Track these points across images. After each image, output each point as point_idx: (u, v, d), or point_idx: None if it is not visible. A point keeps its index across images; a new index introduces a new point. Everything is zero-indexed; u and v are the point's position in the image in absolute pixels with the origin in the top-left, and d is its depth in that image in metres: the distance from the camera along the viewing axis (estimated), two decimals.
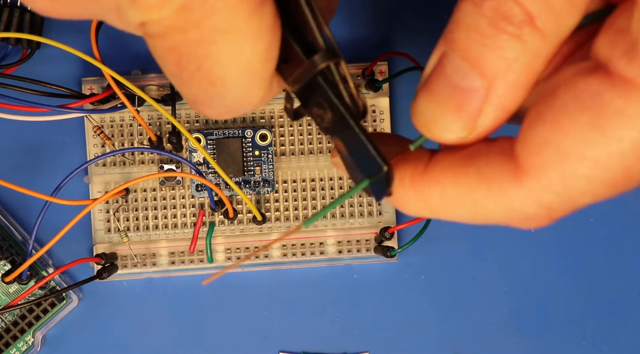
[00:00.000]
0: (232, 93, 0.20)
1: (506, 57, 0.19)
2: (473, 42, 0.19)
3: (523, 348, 0.37)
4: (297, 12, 0.19)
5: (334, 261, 0.37)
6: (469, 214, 0.21)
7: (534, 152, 0.19)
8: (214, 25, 0.18)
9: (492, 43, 0.19)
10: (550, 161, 0.19)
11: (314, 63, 0.19)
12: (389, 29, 0.37)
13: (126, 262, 0.36)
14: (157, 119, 0.36)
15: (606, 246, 0.38)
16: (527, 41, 0.19)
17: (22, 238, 0.36)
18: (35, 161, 0.37)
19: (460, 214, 0.21)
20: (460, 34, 0.19)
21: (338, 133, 0.21)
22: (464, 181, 0.20)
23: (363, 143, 0.20)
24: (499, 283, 0.37)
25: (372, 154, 0.20)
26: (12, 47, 0.35)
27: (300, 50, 0.20)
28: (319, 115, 0.20)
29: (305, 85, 0.20)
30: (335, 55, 0.20)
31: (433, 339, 0.37)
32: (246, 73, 0.19)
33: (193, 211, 0.36)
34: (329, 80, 0.20)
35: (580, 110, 0.19)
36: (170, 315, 0.37)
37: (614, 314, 0.37)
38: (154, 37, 0.19)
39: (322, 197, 0.37)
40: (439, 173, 0.21)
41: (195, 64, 0.19)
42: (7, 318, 0.36)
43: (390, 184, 0.20)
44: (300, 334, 0.37)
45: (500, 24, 0.19)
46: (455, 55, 0.20)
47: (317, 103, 0.20)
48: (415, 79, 0.36)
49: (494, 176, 0.20)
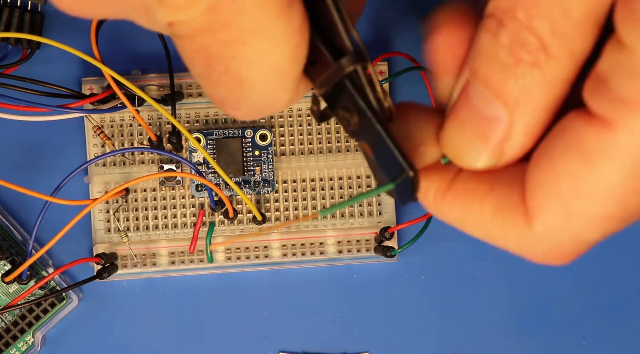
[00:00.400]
0: (260, 94, 0.20)
1: (526, 85, 0.20)
2: (494, 71, 0.20)
3: (523, 348, 0.37)
4: (325, 14, 0.19)
5: (334, 261, 0.37)
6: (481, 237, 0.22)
7: (535, 195, 0.20)
8: (242, 25, 0.18)
9: (512, 72, 0.20)
10: (551, 202, 0.20)
11: (341, 66, 0.19)
12: (389, 29, 0.37)
13: (126, 262, 0.36)
14: (157, 119, 0.36)
15: (606, 246, 0.37)
16: (544, 68, 0.19)
17: (22, 238, 0.36)
18: (35, 161, 0.37)
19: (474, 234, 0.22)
20: (482, 63, 0.20)
21: (364, 136, 0.20)
22: (481, 210, 0.21)
23: (389, 148, 0.20)
24: (499, 283, 0.37)
25: (398, 159, 0.20)
26: (12, 47, 0.35)
27: (328, 52, 0.20)
28: (345, 118, 0.20)
29: (332, 88, 0.20)
30: (362, 58, 0.19)
31: (433, 339, 0.37)
32: (274, 74, 0.19)
33: (193, 211, 0.36)
34: (355, 83, 0.20)
35: (568, 151, 0.19)
36: (170, 315, 0.37)
37: (614, 314, 0.37)
38: (182, 38, 0.19)
39: (322, 197, 0.37)
40: (460, 195, 0.22)
41: (223, 65, 0.19)
42: (7, 318, 0.36)
43: (417, 190, 0.20)
44: (300, 334, 0.37)
45: (518, 52, 0.19)
46: (479, 83, 0.20)
47: (344, 106, 0.20)
48: (416, 79, 0.36)
49: (508, 213, 0.21)
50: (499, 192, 0.21)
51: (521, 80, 0.19)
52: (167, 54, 0.35)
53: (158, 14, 0.18)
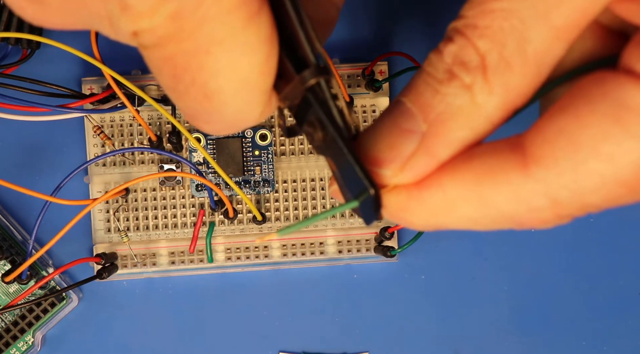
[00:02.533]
0: (230, 108, 0.19)
1: (452, 105, 0.19)
2: (427, 86, 0.19)
3: (523, 348, 0.37)
4: (288, 24, 0.19)
5: (334, 261, 0.37)
6: (475, 212, 0.20)
7: (546, 141, 0.18)
8: (208, 34, 0.18)
9: (444, 89, 0.19)
10: (564, 151, 0.18)
11: (303, 79, 0.19)
12: (389, 29, 0.37)
13: (126, 262, 0.36)
14: (157, 119, 0.36)
15: (606, 246, 0.38)
16: (476, 93, 0.19)
17: (22, 238, 0.36)
18: (35, 161, 0.37)
19: (466, 213, 0.20)
20: (419, 79, 0.19)
21: (328, 152, 0.20)
22: (467, 176, 0.20)
23: (352, 165, 0.19)
24: (499, 283, 0.37)
25: (360, 177, 0.19)
26: (12, 47, 0.35)
27: (291, 64, 0.19)
28: (309, 133, 0.20)
29: (298, 103, 0.19)
30: (325, 72, 0.19)
31: (433, 339, 0.37)
32: (243, 86, 0.19)
33: (193, 211, 0.36)
34: (319, 97, 0.19)
35: (603, 102, 0.18)
36: (170, 315, 0.37)
37: (614, 314, 0.37)
38: (148, 48, 0.18)
39: (322, 197, 0.37)
40: (437, 174, 0.20)
41: (190, 76, 0.18)
42: (7, 318, 0.36)
43: (379, 208, 0.19)
44: (300, 334, 0.37)
45: (456, 69, 0.19)
46: (406, 99, 0.20)
47: (308, 121, 0.20)
48: None
49: (499, 167, 0.19)
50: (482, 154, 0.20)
51: (448, 99, 0.19)
52: None
53: (122, 23, 0.18)
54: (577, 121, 0.18)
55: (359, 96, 0.36)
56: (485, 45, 0.18)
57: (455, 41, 0.19)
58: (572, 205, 0.19)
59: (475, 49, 0.18)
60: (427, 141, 0.19)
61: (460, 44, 0.19)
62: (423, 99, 0.19)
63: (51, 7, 0.18)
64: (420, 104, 0.19)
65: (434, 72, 0.19)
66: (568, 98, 0.19)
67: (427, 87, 0.19)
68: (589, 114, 0.18)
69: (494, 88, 0.19)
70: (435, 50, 0.19)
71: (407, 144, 0.19)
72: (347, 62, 0.36)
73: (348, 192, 0.20)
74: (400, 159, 0.20)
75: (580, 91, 0.18)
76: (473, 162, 0.19)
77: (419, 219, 0.21)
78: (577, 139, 0.18)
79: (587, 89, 0.18)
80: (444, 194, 0.20)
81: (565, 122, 0.18)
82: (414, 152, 0.19)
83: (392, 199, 0.20)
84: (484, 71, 0.18)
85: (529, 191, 0.19)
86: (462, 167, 0.20)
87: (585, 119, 0.18)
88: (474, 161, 0.19)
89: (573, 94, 0.19)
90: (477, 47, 0.18)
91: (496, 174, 0.19)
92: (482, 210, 0.20)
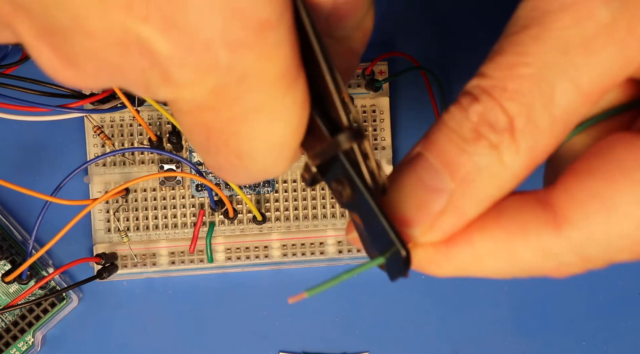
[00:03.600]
0: (259, 166, 0.19)
1: (480, 165, 0.19)
2: (453, 144, 0.19)
3: (523, 348, 0.37)
4: (321, 85, 0.19)
5: (334, 261, 0.37)
6: (503, 266, 0.20)
7: (579, 204, 0.19)
8: (247, 104, 0.17)
9: (470, 148, 0.19)
10: (597, 215, 0.19)
11: (338, 143, 0.19)
12: (389, 29, 0.37)
13: (126, 262, 0.36)
14: (157, 119, 0.36)
15: None
16: (503, 153, 0.19)
17: (22, 238, 0.36)
18: (35, 161, 0.37)
19: (494, 268, 0.20)
20: (442, 135, 0.19)
21: (356, 209, 0.20)
22: (497, 233, 0.20)
23: (382, 224, 0.19)
24: (499, 283, 0.37)
25: (390, 236, 0.19)
26: (12, 47, 0.35)
27: (324, 126, 0.19)
28: (337, 190, 0.20)
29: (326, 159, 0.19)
30: (360, 136, 0.19)
31: (433, 339, 0.37)
32: (276, 148, 0.19)
33: (193, 211, 0.36)
34: (351, 158, 0.19)
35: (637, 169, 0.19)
36: (170, 315, 0.37)
37: (614, 314, 0.37)
38: (183, 113, 0.18)
39: (322, 197, 0.37)
40: (466, 231, 0.20)
41: (223, 139, 0.18)
42: (7, 318, 0.36)
43: (408, 266, 0.20)
44: (300, 334, 0.37)
45: (483, 129, 0.19)
46: (431, 155, 0.20)
47: (337, 178, 0.20)
48: (416, 79, 0.36)
49: (531, 225, 0.20)
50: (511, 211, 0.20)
51: (476, 158, 0.19)
52: None
53: (161, 91, 0.17)
54: (611, 188, 0.19)
55: (359, 96, 0.36)
56: (514, 108, 0.19)
57: (481, 101, 0.19)
58: (602, 261, 0.20)
59: (503, 112, 0.19)
60: (456, 199, 0.19)
61: (488, 105, 0.19)
62: (449, 156, 0.19)
63: (86, 73, 0.18)
64: (446, 161, 0.19)
65: (459, 129, 0.19)
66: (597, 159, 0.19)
67: (452, 144, 0.19)
68: (623, 181, 0.19)
69: (521, 148, 0.19)
70: (459, 106, 0.19)
71: (436, 203, 0.20)
72: None
73: (372, 247, 0.20)
74: (429, 219, 0.20)
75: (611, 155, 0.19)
76: (502, 219, 0.20)
77: (445, 272, 0.21)
78: (612, 204, 0.19)
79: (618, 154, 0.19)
80: (473, 250, 0.20)
81: (598, 187, 0.19)
82: (442, 211, 0.20)
83: (419, 255, 0.21)
84: (512, 133, 0.19)
85: (560, 249, 0.19)
86: (492, 225, 0.20)
87: (619, 186, 0.19)
88: (503, 218, 0.20)
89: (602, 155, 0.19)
90: (506, 109, 0.19)
91: (528, 233, 0.20)
92: (510, 265, 0.20)
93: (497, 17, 0.36)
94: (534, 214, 0.20)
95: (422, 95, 0.36)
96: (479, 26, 0.37)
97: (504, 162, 0.19)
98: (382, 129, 0.36)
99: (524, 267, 0.20)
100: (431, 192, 0.19)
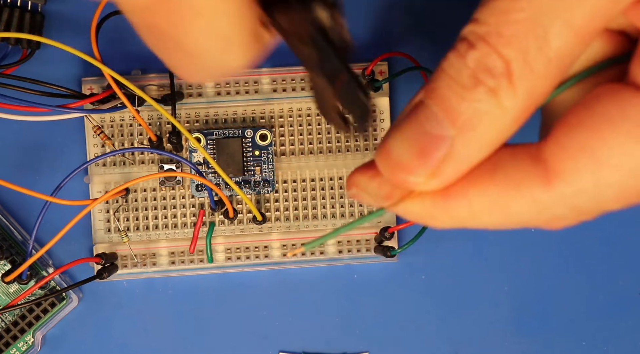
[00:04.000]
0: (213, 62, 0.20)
1: (480, 110, 0.19)
2: (452, 92, 0.20)
3: (523, 348, 0.37)
4: None
5: (334, 261, 0.37)
6: (498, 220, 0.21)
7: (568, 157, 0.20)
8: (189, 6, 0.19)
9: (469, 95, 0.19)
10: (586, 167, 0.19)
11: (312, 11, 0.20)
12: (389, 29, 0.37)
13: (126, 262, 0.36)
14: (157, 119, 0.36)
15: (606, 246, 0.38)
16: (502, 98, 0.19)
17: (22, 238, 0.36)
18: (35, 161, 0.37)
19: (490, 221, 0.21)
20: (442, 83, 0.20)
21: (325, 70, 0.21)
22: (491, 189, 0.21)
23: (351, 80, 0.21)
24: (499, 283, 0.37)
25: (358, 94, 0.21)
26: (12, 47, 0.35)
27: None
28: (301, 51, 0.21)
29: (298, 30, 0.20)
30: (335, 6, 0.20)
31: (433, 339, 0.37)
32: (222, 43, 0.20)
33: (193, 211, 0.36)
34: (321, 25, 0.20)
35: (624, 120, 0.19)
36: (170, 315, 0.37)
37: (614, 314, 0.37)
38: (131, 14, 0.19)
39: (322, 197, 0.37)
40: (463, 186, 0.21)
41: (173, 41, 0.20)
42: (7, 318, 0.36)
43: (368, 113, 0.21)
44: (300, 334, 0.37)
45: (481, 75, 0.19)
46: (432, 103, 0.20)
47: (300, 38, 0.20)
48: (416, 79, 0.36)
49: (523, 180, 0.20)
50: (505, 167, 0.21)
51: (475, 104, 0.19)
52: None
53: None
54: (599, 140, 0.19)
55: None
56: (511, 53, 0.19)
57: (478, 48, 0.19)
58: (593, 211, 0.20)
59: (500, 57, 0.19)
60: (457, 146, 0.20)
61: (484, 51, 0.19)
62: (449, 104, 0.20)
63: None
64: (446, 108, 0.20)
65: (458, 76, 0.20)
66: (585, 112, 0.20)
67: (451, 92, 0.20)
68: (610, 133, 0.19)
69: (519, 91, 0.19)
70: (456, 53, 0.20)
71: (440, 149, 0.20)
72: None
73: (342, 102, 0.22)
74: (431, 166, 0.20)
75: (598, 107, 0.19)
76: (496, 175, 0.20)
77: (442, 224, 0.22)
78: (600, 155, 0.19)
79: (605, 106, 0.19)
80: (469, 205, 0.21)
81: (586, 140, 0.19)
82: (444, 158, 0.20)
83: (417, 206, 0.21)
84: (509, 77, 0.19)
85: (552, 202, 0.20)
86: (487, 180, 0.21)
87: (607, 138, 0.19)
88: (497, 174, 0.20)
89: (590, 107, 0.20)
90: (503, 55, 0.19)
91: (520, 188, 0.20)
92: (505, 218, 0.21)
93: None
94: (526, 169, 0.20)
95: None
96: None
97: (504, 106, 0.19)
98: (382, 129, 0.36)
99: (518, 220, 0.21)
100: (433, 139, 0.20)
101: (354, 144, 0.36)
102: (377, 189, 0.22)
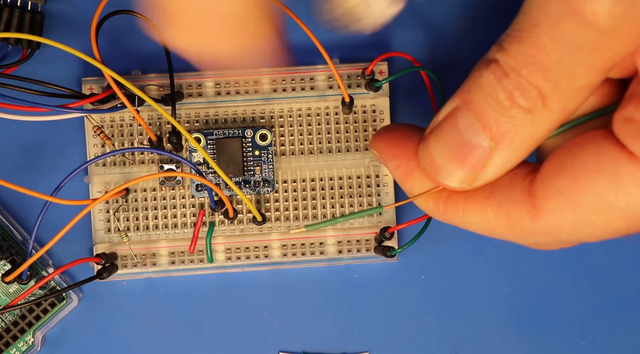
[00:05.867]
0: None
1: (516, 125, 0.22)
2: (490, 107, 0.22)
3: (523, 348, 0.37)
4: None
5: (334, 261, 0.37)
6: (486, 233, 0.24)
7: (552, 198, 0.22)
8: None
9: (507, 112, 0.22)
10: (566, 208, 0.22)
11: None
12: (389, 29, 0.37)
13: (126, 262, 0.36)
14: (157, 119, 0.36)
15: (606, 246, 0.38)
16: (536, 114, 0.22)
17: (22, 238, 0.36)
18: (35, 161, 0.37)
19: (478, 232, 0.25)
20: (479, 97, 0.22)
21: None
22: (484, 212, 0.24)
23: None
24: (499, 283, 0.37)
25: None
26: (12, 47, 0.35)
27: None
28: None
29: None
30: None
31: (433, 339, 0.37)
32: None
33: (193, 211, 0.36)
34: None
35: (599, 172, 0.22)
36: (170, 315, 0.37)
37: (614, 314, 0.37)
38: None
39: (322, 197, 0.36)
40: (462, 202, 0.24)
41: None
42: (7, 318, 0.36)
43: None
44: (300, 334, 0.37)
45: (517, 98, 0.22)
46: (471, 114, 0.22)
47: None
48: (416, 79, 0.36)
49: (513, 211, 0.23)
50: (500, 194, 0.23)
51: (513, 121, 0.22)
52: (167, 54, 0.35)
53: None
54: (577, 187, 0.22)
55: (359, 96, 0.36)
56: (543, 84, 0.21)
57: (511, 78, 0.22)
58: (572, 242, 0.24)
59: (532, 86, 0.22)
60: (495, 156, 0.23)
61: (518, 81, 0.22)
62: (487, 117, 0.22)
63: None
64: (484, 121, 0.22)
65: (494, 94, 0.22)
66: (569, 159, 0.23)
67: (489, 107, 0.22)
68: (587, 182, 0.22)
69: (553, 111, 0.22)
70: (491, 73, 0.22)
71: (478, 158, 0.23)
72: (347, 62, 0.36)
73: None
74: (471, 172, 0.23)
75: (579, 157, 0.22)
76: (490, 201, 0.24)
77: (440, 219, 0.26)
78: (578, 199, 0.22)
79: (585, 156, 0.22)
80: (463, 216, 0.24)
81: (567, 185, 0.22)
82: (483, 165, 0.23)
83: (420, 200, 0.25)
84: (543, 100, 0.22)
85: (536, 232, 0.23)
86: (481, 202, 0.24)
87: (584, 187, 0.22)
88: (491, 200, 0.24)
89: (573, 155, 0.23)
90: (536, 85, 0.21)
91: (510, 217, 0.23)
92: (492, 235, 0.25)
93: (497, 17, 0.36)
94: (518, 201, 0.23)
95: (422, 95, 0.36)
96: (478, 26, 0.37)
97: (538, 121, 0.22)
98: None
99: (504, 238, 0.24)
100: (471, 148, 0.23)
101: (354, 144, 0.36)
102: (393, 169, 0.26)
